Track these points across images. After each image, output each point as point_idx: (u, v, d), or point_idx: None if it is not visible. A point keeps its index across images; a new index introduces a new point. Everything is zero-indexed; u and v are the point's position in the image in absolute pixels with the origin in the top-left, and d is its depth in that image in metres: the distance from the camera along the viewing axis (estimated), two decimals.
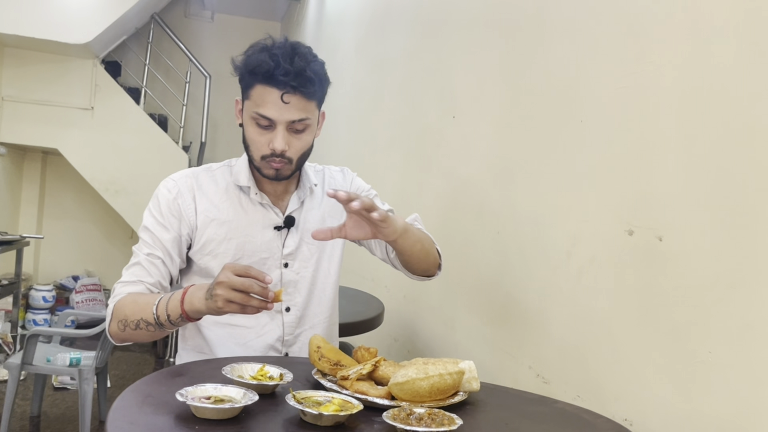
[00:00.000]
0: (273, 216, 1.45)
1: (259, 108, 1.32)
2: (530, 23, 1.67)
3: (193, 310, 1.19)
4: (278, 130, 1.32)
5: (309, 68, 1.30)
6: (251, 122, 1.35)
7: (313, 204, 1.50)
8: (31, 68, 5.47)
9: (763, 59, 0.96)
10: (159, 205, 1.42)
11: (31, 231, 6.13)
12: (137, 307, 1.28)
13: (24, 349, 3.10)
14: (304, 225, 1.47)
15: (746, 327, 0.96)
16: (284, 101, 1.30)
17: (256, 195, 1.43)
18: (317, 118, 1.40)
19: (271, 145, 1.33)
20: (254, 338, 1.44)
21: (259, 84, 1.31)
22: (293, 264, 1.46)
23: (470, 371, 1.16)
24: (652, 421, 1.13)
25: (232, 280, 1.10)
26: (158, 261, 1.38)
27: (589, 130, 1.38)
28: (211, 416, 0.91)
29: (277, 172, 1.37)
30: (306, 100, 1.32)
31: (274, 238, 1.44)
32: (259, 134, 1.34)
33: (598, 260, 1.32)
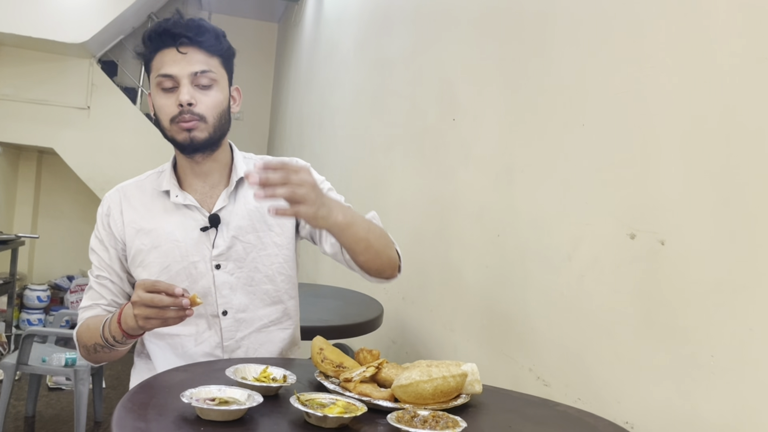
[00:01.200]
0: (199, 216, 1.39)
1: (159, 70, 1.32)
2: (531, 26, 1.67)
3: (129, 328, 1.20)
4: (182, 84, 1.31)
5: (203, 23, 1.33)
6: (157, 90, 1.34)
7: (245, 198, 1.43)
8: (28, 67, 5.45)
9: (765, 64, 0.97)
10: (97, 226, 1.44)
11: (26, 230, 6.11)
12: (89, 332, 1.31)
13: (19, 349, 3.08)
14: (236, 222, 1.41)
15: (748, 331, 0.96)
16: (181, 52, 1.31)
17: (177, 197, 1.39)
18: (226, 79, 1.39)
19: (177, 101, 1.31)
20: (193, 346, 1.40)
21: (158, 51, 1.33)
22: (226, 264, 1.40)
23: (473, 374, 1.16)
24: (654, 424, 1.13)
25: (142, 298, 1.11)
26: (107, 281, 1.40)
27: (590, 134, 1.38)
28: (216, 418, 0.91)
29: (190, 133, 1.32)
30: (205, 53, 1.33)
31: (202, 240, 1.39)
32: (164, 98, 1.33)
33: (600, 264, 1.32)
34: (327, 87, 4.09)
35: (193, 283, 1.39)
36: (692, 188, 1.09)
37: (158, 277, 1.38)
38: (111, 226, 1.42)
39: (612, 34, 1.34)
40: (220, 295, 1.40)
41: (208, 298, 1.40)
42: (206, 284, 1.40)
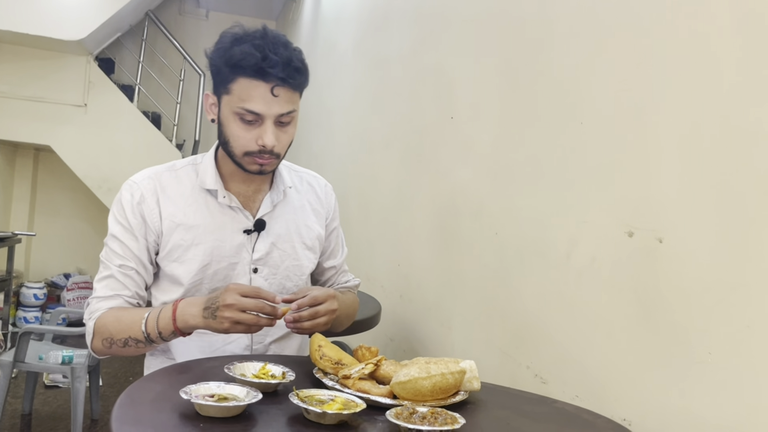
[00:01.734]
0: (243, 219, 1.39)
1: (244, 103, 1.25)
2: (530, 24, 1.68)
3: (188, 326, 1.21)
4: (267, 125, 1.26)
5: (295, 58, 1.26)
6: (234, 118, 1.28)
7: (286, 207, 1.45)
8: (25, 64, 5.44)
9: (764, 61, 0.97)
10: (124, 212, 1.35)
11: (22, 228, 6.10)
12: (122, 325, 1.26)
13: (16, 347, 3.08)
14: (276, 229, 1.42)
15: (746, 328, 0.97)
16: (274, 95, 1.24)
17: (224, 198, 1.37)
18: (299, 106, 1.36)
19: (260, 141, 1.27)
20: (221, 346, 1.40)
21: (243, 77, 1.24)
22: (263, 270, 1.41)
23: (471, 371, 1.17)
24: (651, 421, 1.14)
25: (242, 303, 1.14)
26: (132, 272, 1.33)
27: (589, 132, 1.39)
28: (215, 414, 0.91)
29: (261, 167, 1.31)
30: (293, 91, 1.28)
31: (244, 243, 1.39)
32: (244, 130, 1.28)
33: (598, 261, 1.32)
34: (325, 85, 4.08)
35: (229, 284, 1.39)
36: (690, 186, 1.10)
37: (195, 275, 1.36)
38: (145, 215, 1.34)
39: (611, 33, 1.35)
40: None
41: None
42: None
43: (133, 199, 1.36)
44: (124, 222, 1.35)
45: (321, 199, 1.53)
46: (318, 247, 1.51)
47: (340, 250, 1.60)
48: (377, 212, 2.72)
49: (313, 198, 1.51)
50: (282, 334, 1.45)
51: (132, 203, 1.35)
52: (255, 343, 1.42)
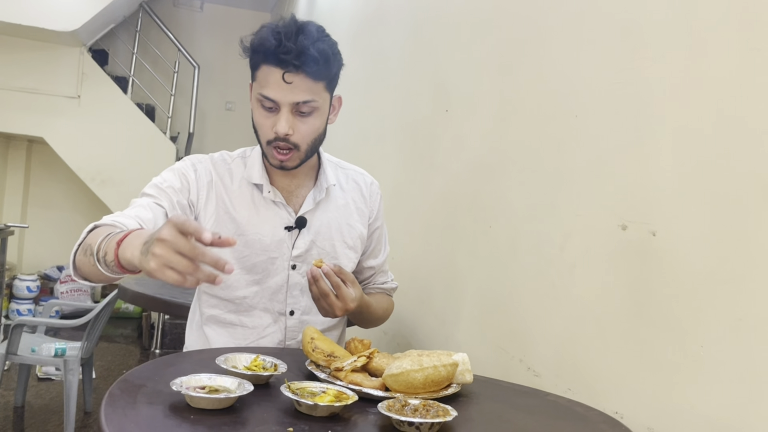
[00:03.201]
0: (285, 215, 1.40)
1: (262, 89, 1.27)
2: (525, 17, 1.67)
3: (126, 259, 0.98)
4: (282, 112, 1.27)
5: (314, 46, 1.24)
6: (257, 105, 1.30)
7: (328, 205, 1.45)
8: (17, 55, 5.41)
9: (758, 55, 0.97)
10: (175, 172, 1.36)
11: (15, 220, 6.07)
12: (97, 233, 1.11)
13: (9, 339, 3.07)
14: (317, 227, 1.42)
15: (738, 322, 0.97)
16: (286, 81, 1.24)
17: (269, 193, 1.39)
18: (328, 101, 1.35)
19: (274, 128, 1.28)
20: (255, 340, 1.41)
21: (263, 64, 1.26)
22: (301, 266, 1.41)
23: (464, 363, 1.17)
24: (643, 414, 1.14)
25: (178, 243, 0.87)
26: (160, 210, 1.28)
27: (583, 125, 1.38)
28: (205, 406, 0.91)
29: (281, 162, 1.32)
30: (311, 80, 1.26)
31: (285, 238, 1.40)
32: (264, 117, 1.29)
33: (591, 255, 1.32)
34: None
35: (266, 278, 1.40)
36: (683, 180, 1.09)
37: (235, 265, 1.35)
38: (192, 187, 1.35)
39: (605, 27, 1.34)
40: (290, 295, 1.42)
41: (278, 296, 1.41)
42: (280, 282, 1.41)
43: (188, 171, 1.37)
44: (172, 178, 1.35)
45: (365, 198, 1.53)
46: (360, 247, 1.51)
47: (382, 249, 1.59)
48: None
49: (357, 196, 1.52)
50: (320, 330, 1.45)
51: (186, 173, 1.37)
52: (288, 339, 1.42)
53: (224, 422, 0.88)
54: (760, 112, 0.96)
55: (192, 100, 6.22)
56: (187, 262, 0.87)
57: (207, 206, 1.37)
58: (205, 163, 1.40)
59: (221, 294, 1.41)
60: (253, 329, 1.41)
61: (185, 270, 0.87)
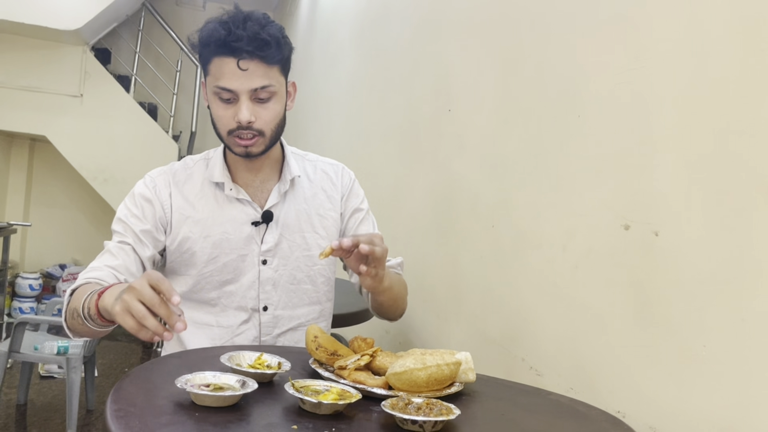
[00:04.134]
0: (251, 211, 1.39)
1: (218, 81, 1.26)
2: (527, 17, 1.67)
3: (103, 307, 1.05)
4: (242, 100, 1.26)
5: (264, 31, 1.24)
6: (214, 98, 1.29)
7: (295, 197, 1.44)
8: (21, 54, 5.41)
9: (760, 56, 0.97)
10: (134, 198, 1.38)
11: (18, 218, 6.08)
12: (79, 294, 1.18)
13: (12, 337, 3.07)
14: (284, 220, 1.42)
15: (740, 321, 0.97)
16: (241, 68, 1.24)
17: (231, 190, 1.38)
18: (284, 86, 1.34)
19: (236, 118, 1.27)
20: (230, 338, 1.41)
21: (215, 56, 1.26)
22: (272, 261, 1.41)
23: (467, 362, 1.17)
24: (646, 413, 1.14)
25: (143, 292, 0.94)
26: (128, 247, 1.32)
27: (586, 125, 1.39)
28: (210, 404, 0.91)
29: (246, 149, 1.31)
30: (266, 65, 1.26)
31: (253, 234, 1.39)
32: (223, 109, 1.29)
33: (594, 254, 1.33)
34: (322, 77, 4.07)
35: (238, 276, 1.40)
36: (686, 180, 1.10)
37: (205, 267, 1.37)
38: (155, 204, 1.37)
39: (608, 26, 1.34)
40: (262, 291, 1.41)
41: (250, 293, 1.41)
42: (251, 278, 1.40)
43: (146, 190, 1.38)
44: (132, 207, 1.37)
45: (336, 185, 1.51)
46: (335, 234, 1.48)
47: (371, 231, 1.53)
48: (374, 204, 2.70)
49: (327, 185, 1.50)
50: (287, 328, 1.44)
51: (144, 193, 1.38)
52: (263, 335, 1.42)
53: (229, 420, 0.88)
54: (762, 114, 0.96)
55: (194, 99, 6.22)
56: (144, 310, 0.93)
57: (172, 217, 1.38)
58: (164, 175, 1.41)
59: (195, 297, 1.41)
60: (227, 328, 1.41)
61: (140, 317, 0.93)
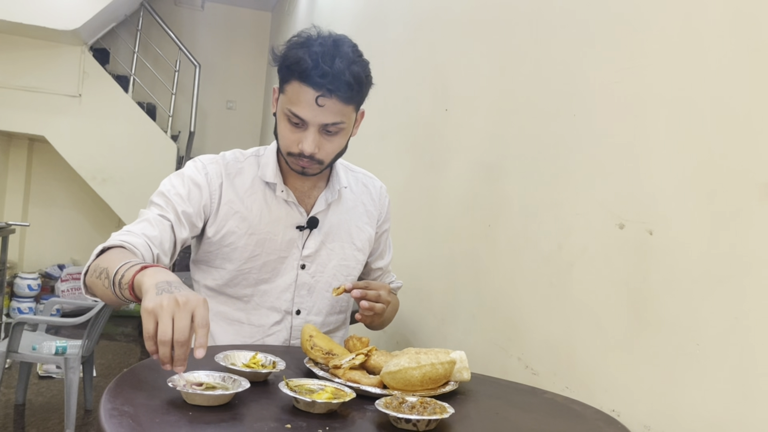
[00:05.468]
0: (297, 215, 1.41)
1: (292, 106, 1.25)
2: (524, 17, 1.67)
3: (139, 282, 1.00)
4: (309, 131, 1.26)
5: (349, 70, 1.23)
6: (283, 117, 1.29)
7: (339, 207, 1.47)
8: (19, 54, 5.42)
9: (755, 55, 0.97)
10: (183, 179, 1.35)
11: (16, 218, 6.08)
12: (112, 256, 1.14)
13: (9, 337, 3.08)
14: (327, 228, 1.44)
15: (733, 320, 0.97)
16: (319, 104, 1.23)
17: (282, 192, 1.39)
18: (353, 120, 1.34)
19: (300, 146, 1.28)
20: (261, 338, 1.42)
21: (295, 80, 1.24)
22: (310, 266, 1.43)
23: (461, 361, 1.17)
24: (640, 412, 1.14)
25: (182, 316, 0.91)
26: (167, 223, 1.30)
27: (581, 124, 1.39)
28: (202, 403, 0.91)
29: (303, 170, 1.33)
30: (342, 104, 1.25)
31: (296, 238, 1.41)
32: (290, 131, 1.29)
33: (589, 253, 1.33)
34: None
35: (274, 277, 1.41)
36: (681, 179, 1.10)
37: (244, 264, 1.39)
38: (204, 193, 1.35)
39: (603, 26, 1.34)
40: (297, 295, 1.43)
41: (285, 295, 1.43)
42: (288, 281, 1.42)
43: (197, 174, 1.36)
44: (179, 186, 1.34)
45: (375, 201, 1.55)
46: (367, 249, 1.53)
47: (388, 251, 1.63)
48: None
49: (367, 199, 1.54)
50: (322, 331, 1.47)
51: (194, 176, 1.36)
52: (293, 338, 1.44)
53: (222, 419, 0.88)
54: (758, 111, 0.96)
55: (193, 99, 6.22)
56: (169, 334, 0.90)
57: (219, 208, 1.37)
58: (216, 165, 1.40)
59: (229, 291, 1.42)
60: (259, 327, 1.42)
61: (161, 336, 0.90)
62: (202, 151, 6.69)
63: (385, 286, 1.41)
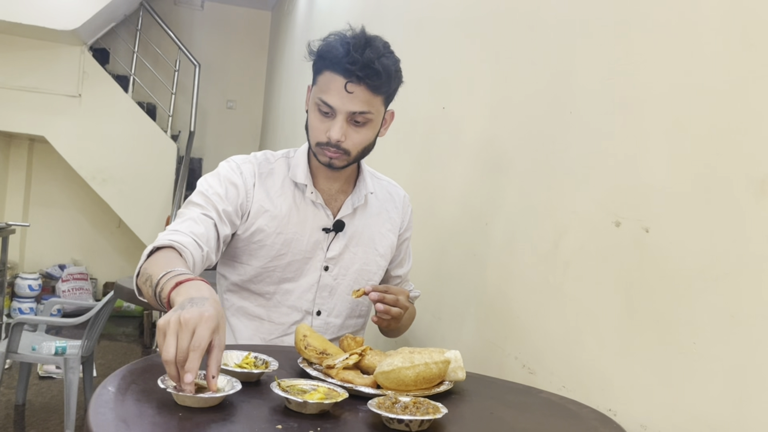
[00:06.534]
0: (324, 217, 1.43)
1: (322, 94, 1.30)
2: (520, 15, 1.67)
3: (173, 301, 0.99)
4: (338, 119, 1.30)
5: (379, 61, 1.28)
6: (314, 108, 1.34)
7: (364, 213, 1.49)
8: (19, 54, 5.42)
9: (750, 53, 0.96)
10: (219, 178, 1.38)
11: (17, 219, 6.09)
12: (162, 261, 1.13)
13: (9, 338, 3.08)
14: (352, 232, 1.46)
15: (730, 317, 0.97)
16: (347, 90, 1.28)
17: (311, 194, 1.42)
18: (382, 114, 1.38)
19: (328, 134, 1.31)
20: (279, 336, 1.44)
21: (327, 70, 1.30)
22: (333, 269, 1.45)
23: (456, 361, 1.16)
24: (637, 411, 1.14)
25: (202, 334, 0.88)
26: (210, 221, 1.31)
27: (577, 122, 1.38)
28: (192, 404, 0.90)
29: (330, 160, 1.35)
30: (371, 93, 1.30)
31: (321, 240, 1.43)
32: (319, 121, 1.33)
33: (585, 251, 1.32)
34: None
35: (299, 277, 1.43)
36: (677, 176, 1.09)
37: (270, 262, 1.40)
38: (241, 192, 1.37)
39: (599, 24, 1.34)
40: (319, 296, 1.45)
41: (307, 295, 1.44)
42: (311, 281, 1.44)
43: (233, 173, 1.39)
44: (216, 186, 1.36)
45: (399, 209, 1.58)
46: (389, 255, 1.55)
47: (408, 260, 1.66)
48: None
49: (390, 206, 1.56)
50: (335, 335, 1.48)
51: (230, 176, 1.39)
52: None
53: (213, 419, 0.87)
54: (753, 110, 0.96)
55: (193, 99, 6.22)
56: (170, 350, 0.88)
57: (253, 206, 1.39)
58: (249, 165, 1.43)
59: (253, 287, 1.44)
60: (279, 325, 1.44)
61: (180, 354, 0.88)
62: (203, 150, 6.68)
63: (405, 292, 1.42)
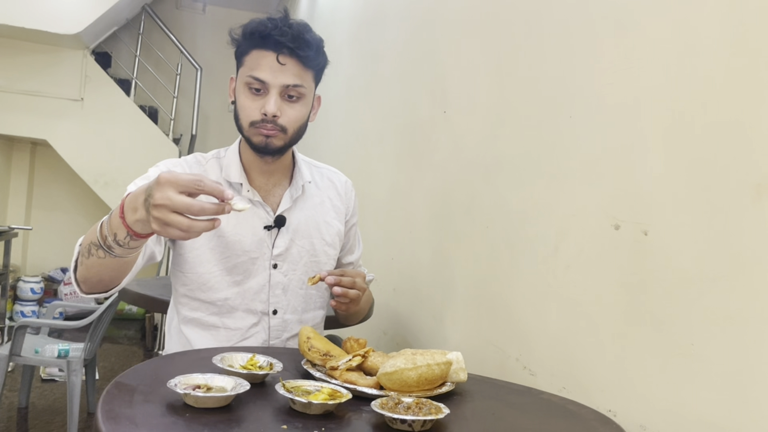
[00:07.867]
0: (263, 214, 1.40)
1: (252, 71, 1.30)
2: (521, 19, 1.68)
3: (134, 220, 0.99)
4: (271, 93, 1.29)
5: (308, 34, 1.30)
6: (244, 88, 1.32)
7: (305, 203, 1.46)
8: (21, 58, 5.44)
9: (749, 57, 0.98)
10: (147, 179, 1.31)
11: (19, 222, 6.10)
12: (89, 233, 1.14)
13: (12, 341, 3.09)
14: (295, 225, 1.43)
15: (728, 319, 0.98)
16: (280, 62, 1.28)
17: (248, 192, 1.39)
18: (313, 91, 1.37)
19: (263, 110, 1.30)
20: (238, 341, 1.41)
21: (255, 49, 1.30)
22: (282, 265, 1.42)
23: (458, 362, 1.18)
24: (636, 411, 1.15)
25: (175, 204, 0.92)
26: None
27: (577, 126, 1.39)
28: (201, 404, 0.92)
29: (267, 139, 1.32)
30: (302, 66, 1.31)
31: (264, 238, 1.40)
32: (251, 100, 1.31)
33: (585, 254, 1.33)
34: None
35: (247, 279, 1.40)
36: (675, 179, 1.10)
37: (215, 266, 1.37)
38: None
39: (598, 28, 1.35)
40: (272, 294, 1.42)
41: (260, 296, 1.42)
42: (261, 282, 1.41)
43: None
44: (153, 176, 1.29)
45: (341, 195, 1.55)
46: (338, 243, 1.53)
47: (357, 245, 1.63)
48: (370, 206, 2.73)
49: (333, 194, 1.53)
50: (295, 332, 1.45)
51: None
52: (272, 338, 1.43)
53: (220, 420, 0.89)
54: (751, 112, 0.97)
55: (194, 102, 6.23)
56: (185, 221, 0.93)
57: None
58: (180, 167, 1.40)
59: (202, 296, 1.40)
60: (236, 330, 1.41)
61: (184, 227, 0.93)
62: None
63: (361, 274, 1.40)
